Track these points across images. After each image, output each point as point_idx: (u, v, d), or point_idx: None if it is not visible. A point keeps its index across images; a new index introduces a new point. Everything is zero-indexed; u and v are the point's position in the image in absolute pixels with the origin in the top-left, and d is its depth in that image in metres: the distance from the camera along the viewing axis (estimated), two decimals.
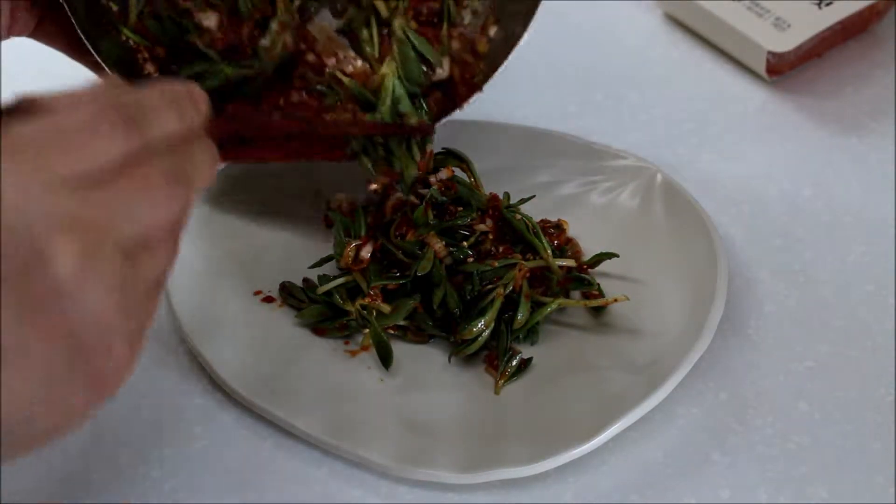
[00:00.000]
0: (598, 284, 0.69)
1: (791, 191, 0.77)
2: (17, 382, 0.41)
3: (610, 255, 0.70)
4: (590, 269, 0.70)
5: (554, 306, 0.67)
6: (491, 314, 0.66)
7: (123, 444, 0.64)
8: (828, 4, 0.85)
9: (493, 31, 0.70)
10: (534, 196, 0.71)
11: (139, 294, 0.44)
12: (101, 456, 0.64)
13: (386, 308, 0.67)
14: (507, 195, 0.71)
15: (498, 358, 0.66)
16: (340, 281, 0.67)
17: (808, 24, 0.84)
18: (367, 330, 0.68)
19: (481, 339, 0.66)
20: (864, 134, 0.80)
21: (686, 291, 0.68)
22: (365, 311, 0.67)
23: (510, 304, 0.67)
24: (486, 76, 0.70)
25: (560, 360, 0.66)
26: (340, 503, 0.62)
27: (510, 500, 0.61)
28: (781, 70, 0.84)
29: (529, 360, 0.66)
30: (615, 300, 0.67)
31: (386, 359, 0.66)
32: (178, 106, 0.47)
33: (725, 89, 0.85)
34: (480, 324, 0.66)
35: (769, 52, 0.82)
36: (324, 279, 0.69)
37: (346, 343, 0.68)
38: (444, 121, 0.70)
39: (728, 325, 0.68)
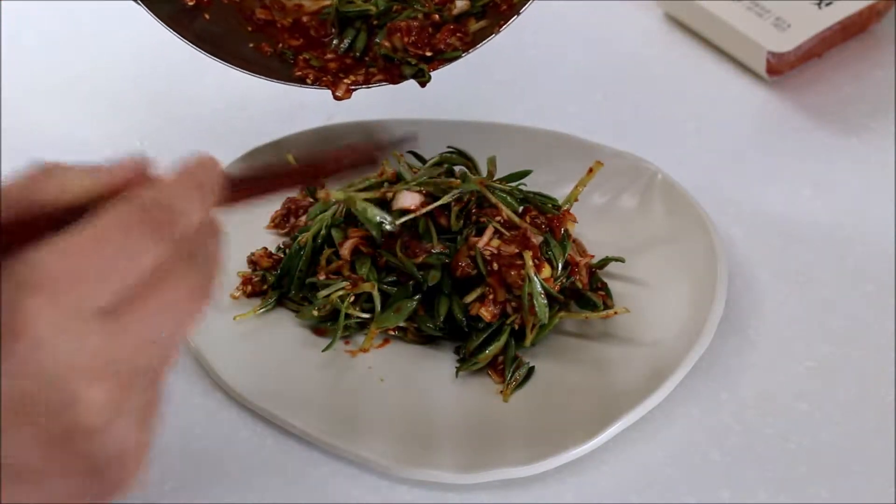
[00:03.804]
0: (604, 301, 0.68)
1: (791, 191, 0.77)
2: (24, 497, 0.42)
3: (616, 259, 0.70)
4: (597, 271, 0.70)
5: (556, 321, 0.67)
6: (503, 339, 0.66)
7: None
8: (828, 4, 0.85)
9: None
10: (530, 172, 0.71)
11: (154, 408, 0.45)
12: None
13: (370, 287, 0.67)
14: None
15: (505, 367, 0.66)
16: (340, 285, 0.67)
17: (808, 24, 0.84)
18: (366, 330, 0.68)
19: (489, 355, 0.66)
20: (864, 134, 0.80)
21: (686, 291, 0.68)
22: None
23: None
24: None
25: (560, 359, 0.66)
26: (340, 503, 0.62)
27: (510, 500, 0.61)
28: (781, 70, 0.84)
29: (533, 368, 0.66)
30: (615, 312, 0.67)
31: None
32: (201, 189, 0.45)
33: (725, 89, 0.85)
34: (491, 348, 0.66)
35: (769, 52, 0.82)
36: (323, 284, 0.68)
37: (346, 343, 0.68)
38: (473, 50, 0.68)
39: (728, 325, 0.68)
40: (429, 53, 0.68)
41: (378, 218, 0.66)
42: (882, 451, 0.62)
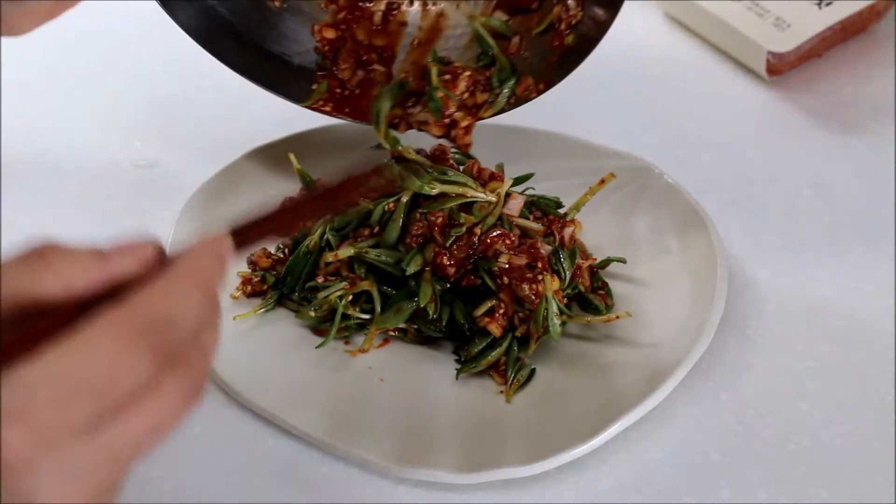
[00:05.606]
0: (605, 301, 0.69)
1: (791, 191, 0.77)
2: None
3: (618, 260, 0.70)
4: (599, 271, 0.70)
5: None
6: (505, 345, 0.65)
7: None
8: (828, 4, 0.85)
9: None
10: (532, 174, 0.71)
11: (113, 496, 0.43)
12: None
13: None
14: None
15: (507, 369, 0.65)
16: (339, 286, 0.67)
17: (808, 24, 0.84)
18: (366, 330, 0.68)
19: (491, 359, 0.66)
20: (864, 134, 0.80)
21: (686, 291, 0.68)
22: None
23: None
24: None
25: (561, 360, 0.66)
26: (340, 503, 0.62)
27: (510, 500, 0.61)
28: (781, 70, 0.84)
29: (535, 370, 0.66)
30: (617, 317, 0.67)
31: None
32: (205, 286, 0.43)
33: (725, 89, 0.85)
34: (493, 353, 0.66)
35: (769, 52, 0.83)
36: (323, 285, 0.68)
37: (346, 343, 0.68)
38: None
39: (728, 325, 0.68)
40: (469, 266, 0.66)
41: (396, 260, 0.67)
42: (882, 451, 0.62)
